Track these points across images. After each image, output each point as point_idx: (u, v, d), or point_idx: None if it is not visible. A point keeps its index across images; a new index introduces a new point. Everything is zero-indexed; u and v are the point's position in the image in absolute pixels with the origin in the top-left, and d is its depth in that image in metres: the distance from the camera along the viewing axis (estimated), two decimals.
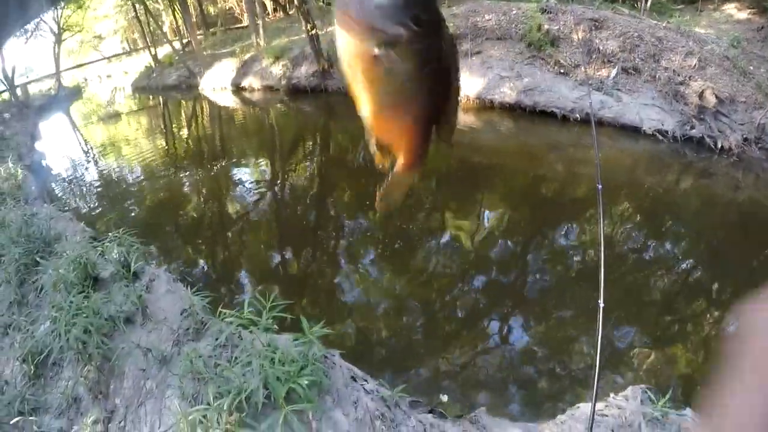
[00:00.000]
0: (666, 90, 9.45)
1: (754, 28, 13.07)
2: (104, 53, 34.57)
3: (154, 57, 24.87)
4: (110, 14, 31.31)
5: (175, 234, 6.41)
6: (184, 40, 24.63)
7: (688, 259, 5.40)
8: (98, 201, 8.19)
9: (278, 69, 16.03)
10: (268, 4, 25.24)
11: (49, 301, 3.94)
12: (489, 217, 6.48)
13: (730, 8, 15.17)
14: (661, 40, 10.32)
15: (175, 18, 25.46)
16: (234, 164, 9.45)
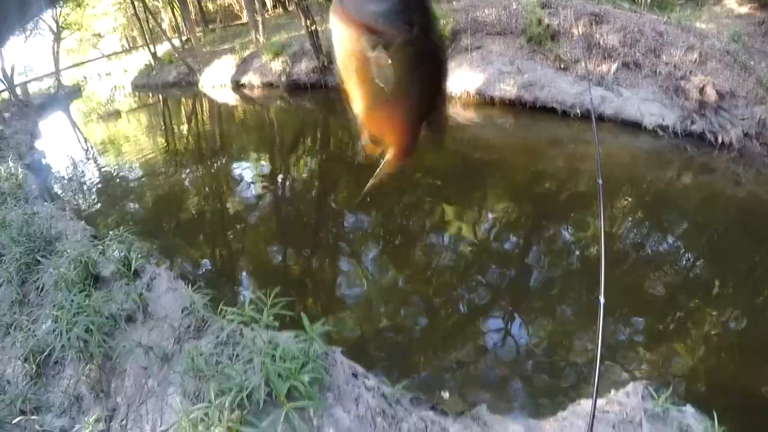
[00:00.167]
0: (667, 85, 9.41)
1: (755, 22, 13.02)
2: (103, 51, 34.51)
3: (154, 54, 24.83)
4: (109, 12, 31.25)
5: (175, 232, 6.42)
6: (184, 38, 24.61)
7: (689, 255, 5.39)
8: (98, 199, 8.18)
9: (278, 65, 16.00)
10: (268, 0, 25.19)
11: (51, 300, 3.95)
12: (490, 213, 6.47)
13: (731, 3, 15.10)
14: (662, 34, 10.26)
15: (174, 15, 25.44)
16: (234, 161, 9.45)
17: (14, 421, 2.98)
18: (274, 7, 25.90)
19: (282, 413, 2.43)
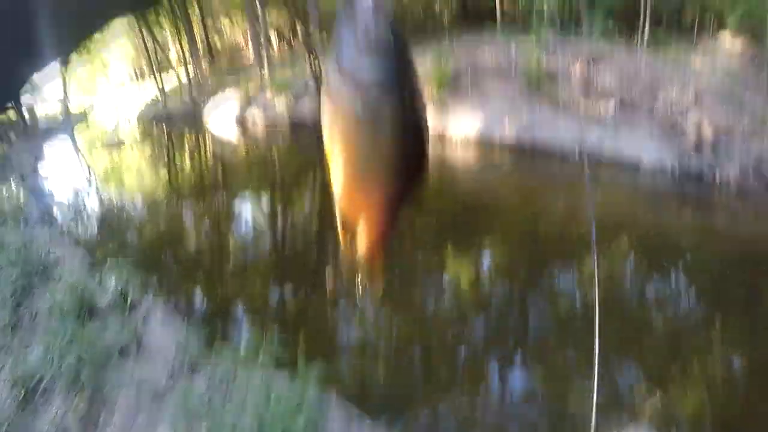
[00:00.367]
0: (664, 124, 9.54)
1: (749, 57, 13.31)
2: (111, 80, 35.08)
3: (160, 87, 25.21)
4: (118, 41, 31.84)
5: (173, 265, 6.40)
6: (190, 71, 25.02)
7: (690, 296, 5.42)
8: (98, 227, 8.18)
9: (281, 103, 16.27)
10: (273, 37, 25.81)
11: (44, 327, 3.92)
12: (488, 257, 6.52)
13: (725, 39, 15.40)
14: (658, 72, 10.51)
15: (182, 48, 25.88)
16: (235, 197, 9.51)
17: None
18: (279, 44, 26.51)
19: None
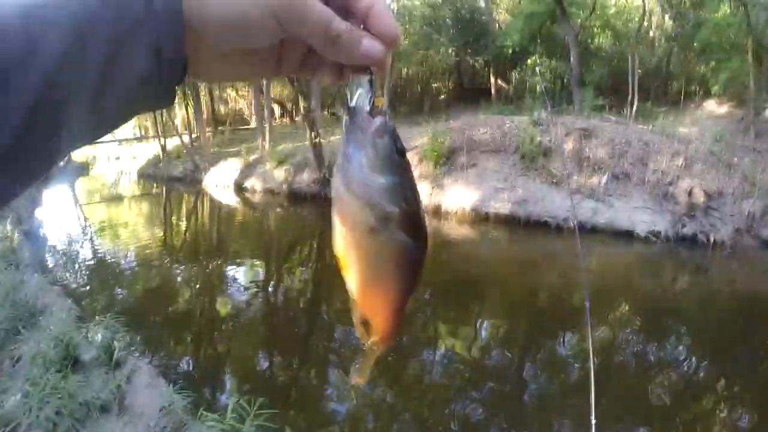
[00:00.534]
0: (656, 192, 9.89)
1: (735, 120, 13.89)
2: (115, 135, 35.86)
3: (163, 147, 25.63)
4: None
5: (162, 326, 6.26)
6: (193, 135, 25.59)
7: (689, 362, 5.35)
8: (89, 280, 8.06)
9: (281, 173, 16.59)
10: (276, 109, 26.80)
11: (25, 374, 3.81)
12: (483, 329, 6.46)
13: (711, 105, 16.26)
14: (648, 143, 10.98)
15: (187, 112, 26.58)
16: (228, 263, 9.48)
17: None
18: (282, 115, 27.54)
19: None
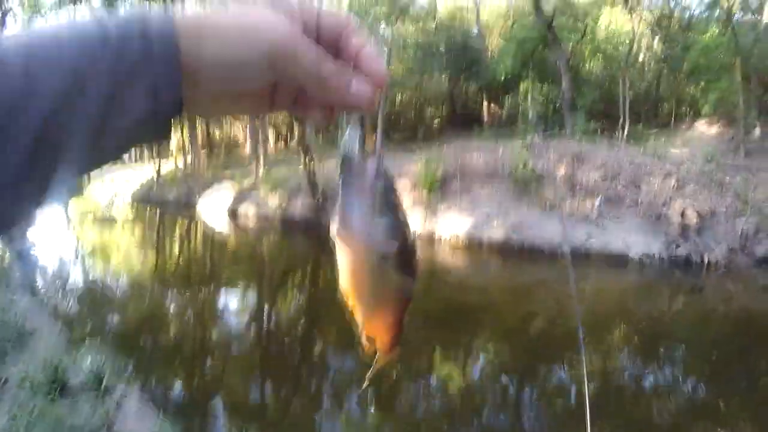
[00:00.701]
0: (649, 213, 9.89)
1: (725, 140, 13.96)
2: None
3: (158, 171, 25.71)
4: None
5: (152, 352, 6.14)
6: (188, 159, 25.67)
7: (686, 384, 5.32)
8: (80, 303, 7.94)
9: (275, 199, 16.61)
10: (271, 134, 26.91)
11: (13, 396, 3.74)
12: (478, 357, 6.40)
13: (701, 125, 16.40)
14: (640, 166, 11.02)
15: (182, 136, 26.78)
16: (221, 289, 9.40)
17: None
18: (277, 140, 27.62)
19: None
